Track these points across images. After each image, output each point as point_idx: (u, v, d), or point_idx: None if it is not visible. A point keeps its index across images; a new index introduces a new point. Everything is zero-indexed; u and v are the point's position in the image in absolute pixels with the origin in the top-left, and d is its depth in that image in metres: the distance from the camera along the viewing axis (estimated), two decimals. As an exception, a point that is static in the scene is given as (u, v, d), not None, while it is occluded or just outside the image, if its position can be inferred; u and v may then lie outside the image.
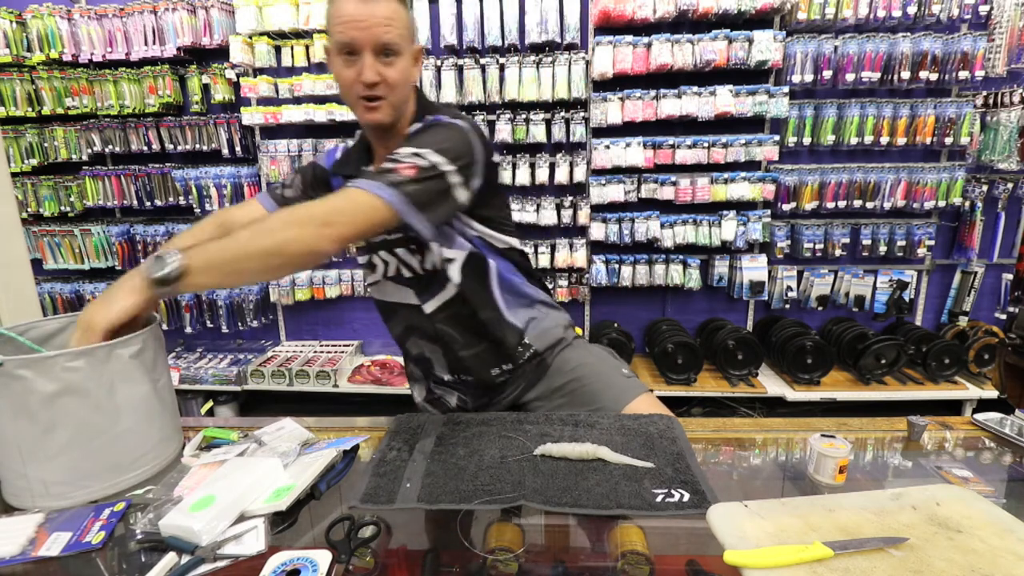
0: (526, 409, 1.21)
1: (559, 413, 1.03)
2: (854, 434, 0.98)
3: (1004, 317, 2.77)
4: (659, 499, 0.75)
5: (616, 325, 2.80)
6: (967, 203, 2.62)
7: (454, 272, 1.08)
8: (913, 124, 2.53)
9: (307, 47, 2.70)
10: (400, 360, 2.90)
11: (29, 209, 2.96)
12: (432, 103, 1.11)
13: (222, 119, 2.78)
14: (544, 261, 2.81)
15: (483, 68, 2.60)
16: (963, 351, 2.55)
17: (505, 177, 2.71)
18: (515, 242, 1.15)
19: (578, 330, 1.35)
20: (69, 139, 2.88)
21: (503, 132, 2.64)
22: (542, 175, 2.68)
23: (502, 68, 2.60)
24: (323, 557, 0.65)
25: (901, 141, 2.54)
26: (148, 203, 2.90)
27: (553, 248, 2.80)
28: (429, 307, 1.12)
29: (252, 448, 0.89)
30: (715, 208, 2.69)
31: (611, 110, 2.56)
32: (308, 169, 1.21)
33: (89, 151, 2.87)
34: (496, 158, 1.14)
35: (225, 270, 0.82)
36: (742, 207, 2.70)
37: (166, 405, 0.91)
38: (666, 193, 2.65)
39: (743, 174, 2.60)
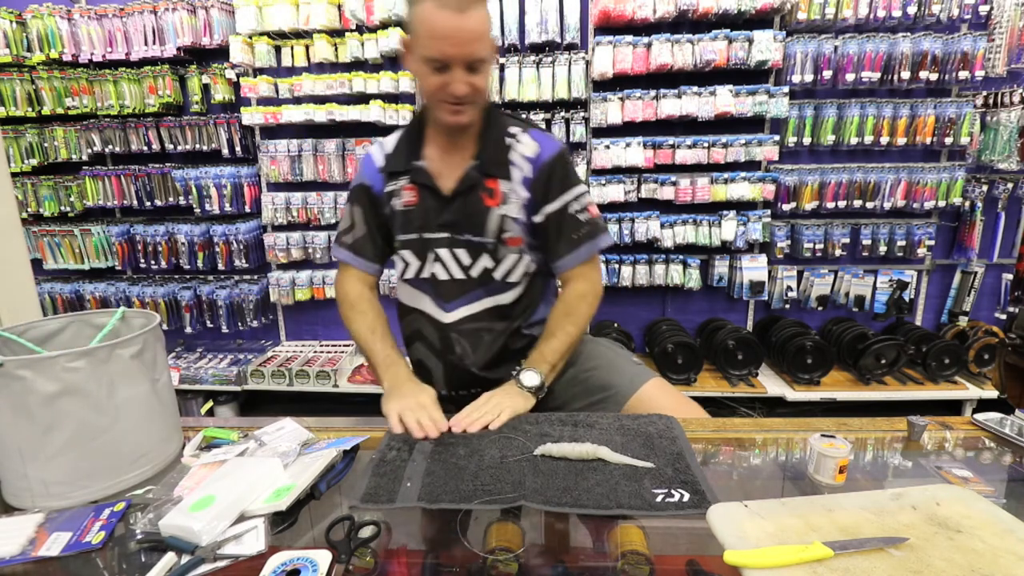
0: (548, 395, 1.25)
1: (559, 413, 1.03)
2: (854, 434, 0.98)
3: (1004, 317, 2.77)
4: (659, 499, 0.75)
5: (616, 325, 2.80)
6: (967, 203, 2.62)
7: (517, 278, 1.16)
8: (913, 124, 2.53)
9: (307, 47, 2.70)
10: (400, 360, 2.90)
11: (29, 209, 2.96)
12: (498, 111, 1.17)
13: (222, 119, 2.78)
14: (544, 261, 2.80)
15: (483, 68, 2.60)
16: (963, 351, 2.55)
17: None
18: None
19: None
20: (69, 139, 2.88)
21: (503, 132, 2.64)
22: (542, 175, 2.67)
23: (502, 68, 2.60)
24: (323, 557, 0.65)
25: (901, 141, 2.53)
26: (148, 203, 2.90)
27: (553, 248, 2.80)
28: (452, 316, 1.15)
29: (252, 448, 0.89)
30: (715, 208, 2.69)
31: (611, 110, 2.56)
32: (362, 198, 1.18)
33: (89, 151, 2.86)
34: None
35: (560, 364, 1.14)
36: (742, 207, 2.70)
37: (166, 405, 0.91)
38: (666, 193, 2.65)
39: (743, 174, 2.60)
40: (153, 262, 2.94)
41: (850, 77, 2.48)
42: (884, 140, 2.53)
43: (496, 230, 1.11)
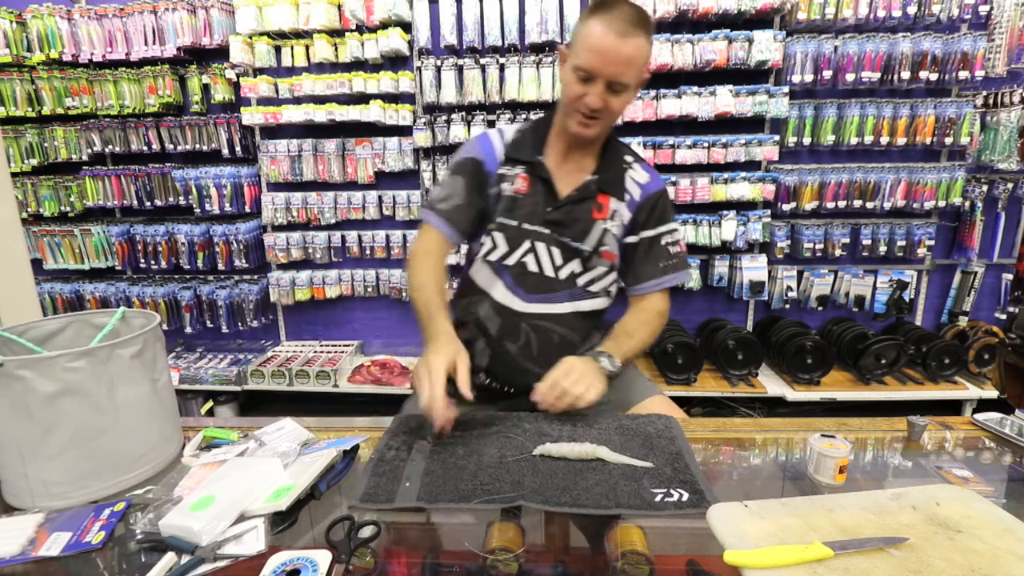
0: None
1: (559, 413, 1.03)
2: (854, 434, 0.98)
3: (1004, 317, 2.77)
4: (658, 499, 0.75)
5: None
6: (967, 203, 2.62)
7: (598, 290, 1.23)
8: (913, 124, 2.53)
9: (307, 47, 2.70)
10: (400, 360, 2.91)
11: (29, 209, 2.96)
12: (616, 136, 1.24)
13: (222, 119, 2.78)
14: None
15: (483, 68, 2.60)
16: (963, 351, 2.55)
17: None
18: None
19: None
20: (69, 139, 2.88)
21: (503, 132, 2.64)
22: (542, 175, 2.67)
23: (502, 68, 2.60)
24: (323, 557, 0.65)
25: (901, 141, 2.53)
26: (148, 203, 2.90)
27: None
28: (530, 308, 1.19)
29: (252, 448, 0.89)
30: (715, 208, 2.69)
31: (611, 110, 2.55)
32: (469, 170, 1.21)
33: (89, 151, 2.86)
34: None
35: (632, 357, 1.17)
36: (742, 207, 2.70)
37: (166, 405, 0.91)
38: (666, 193, 2.65)
39: (743, 174, 2.60)
40: (153, 262, 2.94)
41: (850, 77, 2.48)
42: (884, 140, 2.53)
43: (596, 241, 1.18)
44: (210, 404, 2.88)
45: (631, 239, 1.22)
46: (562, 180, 1.19)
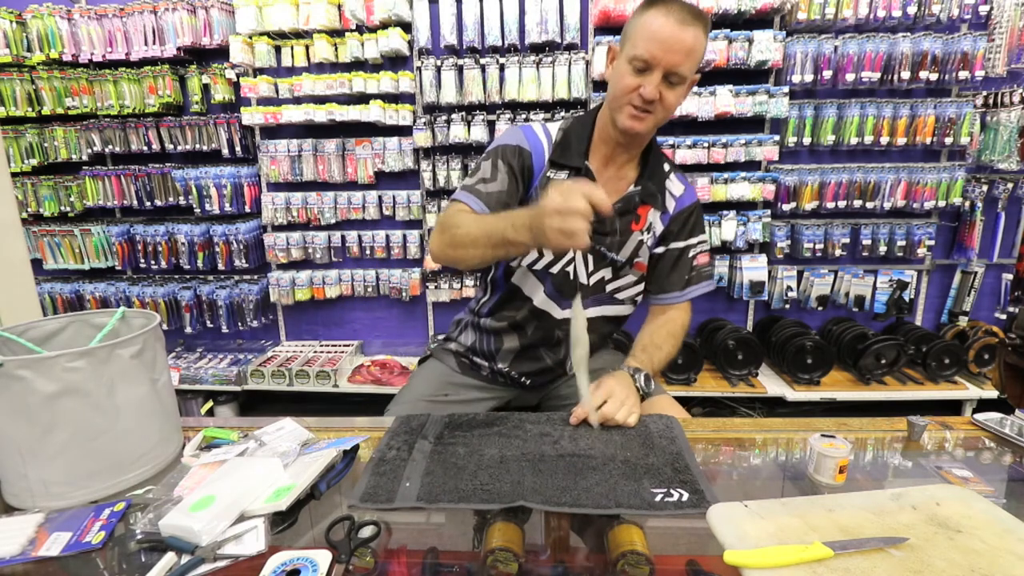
0: (556, 395, 1.32)
1: (559, 413, 1.03)
2: (854, 434, 0.98)
3: (1004, 317, 2.76)
4: (658, 498, 0.75)
5: (616, 325, 2.80)
6: (967, 203, 2.62)
7: (624, 298, 1.23)
8: (913, 124, 2.53)
9: (307, 47, 2.70)
10: (400, 360, 2.90)
11: (29, 209, 2.96)
12: (657, 142, 1.21)
13: (222, 119, 2.78)
14: (544, 261, 2.80)
15: (483, 68, 2.60)
16: (963, 351, 2.55)
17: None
18: None
19: None
20: (69, 139, 2.88)
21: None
22: (542, 175, 2.67)
23: (502, 68, 2.60)
24: (323, 557, 0.65)
25: (901, 141, 2.53)
26: (148, 203, 2.90)
27: (553, 248, 2.80)
28: (565, 313, 1.19)
29: (252, 448, 0.89)
30: (715, 208, 2.69)
31: (611, 110, 2.56)
32: (515, 159, 1.13)
33: (89, 151, 2.86)
34: None
35: (659, 371, 1.18)
36: (742, 207, 2.70)
37: (166, 405, 0.91)
38: (666, 193, 2.65)
39: (743, 174, 2.60)
40: (153, 262, 2.94)
41: (850, 77, 2.48)
42: (884, 140, 2.53)
43: (631, 253, 1.17)
44: (210, 404, 2.88)
45: (659, 249, 1.21)
46: (606, 188, 1.11)
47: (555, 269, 1.17)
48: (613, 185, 1.16)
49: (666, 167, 1.21)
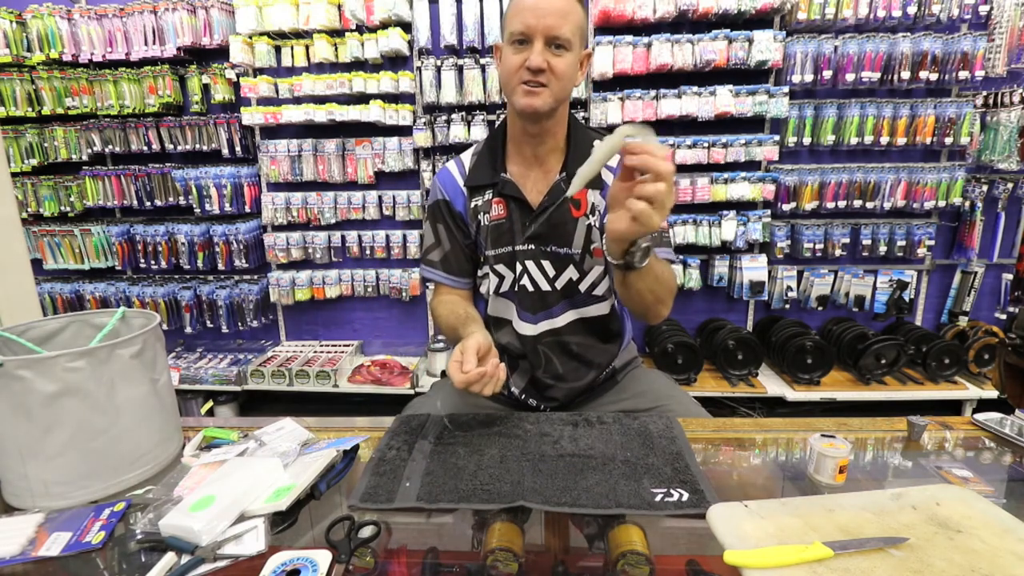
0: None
1: (560, 413, 1.03)
2: (854, 434, 0.98)
3: (1004, 317, 2.77)
4: (658, 498, 0.75)
5: (616, 325, 2.80)
6: (967, 203, 2.62)
7: (602, 292, 1.16)
8: (913, 124, 2.53)
9: (307, 47, 2.70)
10: (400, 360, 2.91)
11: (29, 209, 2.96)
12: (583, 124, 1.16)
13: (222, 119, 2.78)
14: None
15: (483, 68, 2.60)
16: (963, 351, 2.55)
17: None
18: None
19: None
20: (69, 139, 2.88)
21: (503, 132, 2.64)
22: (542, 175, 2.67)
23: (502, 68, 2.60)
24: (323, 557, 0.65)
25: (901, 141, 2.53)
26: (148, 203, 2.90)
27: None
28: (536, 328, 1.15)
29: (252, 448, 0.89)
30: (715, 208, 2.69)
31: (611, 110, 2.56)
32: (444, 215, 1.17)
33: (89, 151, 2.86)
34: None
35: (659, 274, 0.99)
36: (742, 207, 2.70)
37: (166, 405, 0.91)
38: (666, 193, 2.65)
39: (743, 174, 2.60)
40: (153, 262, 2.94)
41: (850, 77, 2.48)
42: (884, 140, 2.53)
43: (583, 241, 1.10)
44: (210, 404, 2.88)
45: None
46: (532, 189, 1.11)
47: (516, 288, 1.15)
48: (542, 182, 1.12)
49: (597, 142, 1.10)
